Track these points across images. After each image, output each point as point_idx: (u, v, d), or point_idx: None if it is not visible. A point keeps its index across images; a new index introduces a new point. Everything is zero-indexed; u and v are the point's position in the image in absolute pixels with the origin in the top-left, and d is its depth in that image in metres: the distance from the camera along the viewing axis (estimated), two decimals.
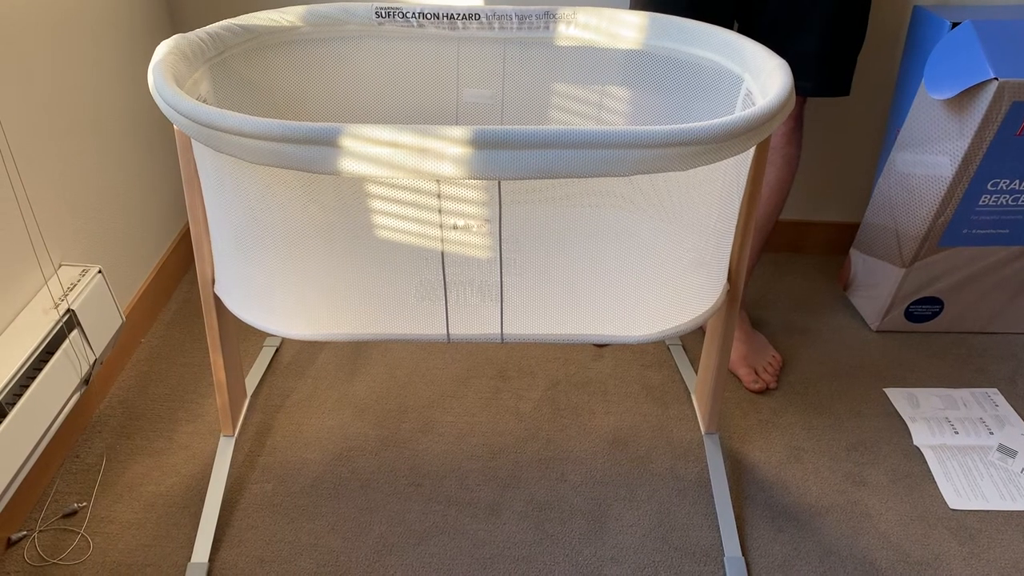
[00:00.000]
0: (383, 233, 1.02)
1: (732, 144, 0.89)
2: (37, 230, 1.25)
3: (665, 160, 0.87)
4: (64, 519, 1.24)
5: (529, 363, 1.58)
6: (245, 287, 1.10)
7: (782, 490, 1.33)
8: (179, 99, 0.91)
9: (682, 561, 1.21)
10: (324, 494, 1.30)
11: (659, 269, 1.06)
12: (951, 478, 1.35)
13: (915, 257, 1.57)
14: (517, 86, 1.30)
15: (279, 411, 1.46)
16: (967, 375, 1.58)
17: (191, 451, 1.37)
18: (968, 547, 1.24)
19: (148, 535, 1.22)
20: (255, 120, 0.86)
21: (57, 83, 1.31)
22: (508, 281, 1.05)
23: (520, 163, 0.86)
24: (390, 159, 0.86)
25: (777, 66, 1.01)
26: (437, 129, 0.85)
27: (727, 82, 1.15)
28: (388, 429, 1.43)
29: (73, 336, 1.23)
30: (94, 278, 1.30)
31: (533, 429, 1.43)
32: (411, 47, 1.29)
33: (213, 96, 1.14)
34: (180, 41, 1.07)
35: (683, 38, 1.19)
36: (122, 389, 1.49)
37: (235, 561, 1.19)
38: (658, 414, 1.47)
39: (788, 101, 0.95)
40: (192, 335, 1.64)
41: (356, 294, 1.08)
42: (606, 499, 1.30)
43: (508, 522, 1.26)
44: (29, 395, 1.12)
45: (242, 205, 1.01)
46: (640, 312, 1.08)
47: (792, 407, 1.49)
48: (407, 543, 1.23)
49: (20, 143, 1.21)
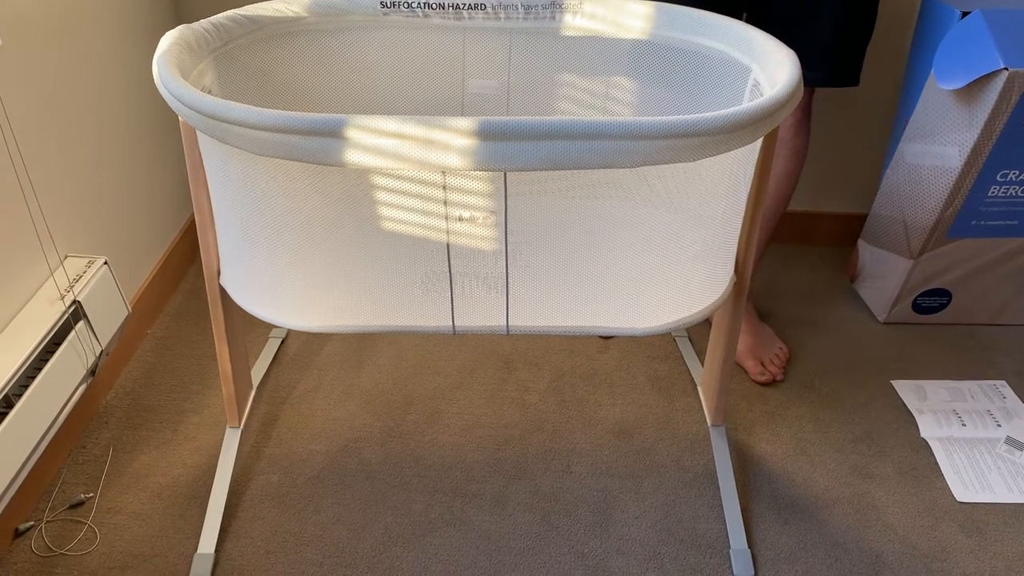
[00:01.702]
0: (388, 225, 1.02)
1: (740, 135, 0.89)
2: (43, 221, 1.25)
3: (672, 151, 0.87)
4: (71, 510, 1.25)
5: (535, 354, 1.58)
6: (251, 279, 1.10)
7: (788, 482, 1.32)
8: (184, 90, 0.90)
9: (688, 553, 1.21)
10: (330, 485, 1.30)
11: (666, 260, 1.05)
12: (958, 471, 1.35)
13: (923, 248, 1.56)
14: (523, 76, 1.29)
15: (285, 402, 1.46)
16: (975, 367, 1.58)
17: (197, 442, 1.37)
18: (975, 540, 1.24)
19: (155, 526, 1.23)
20: (260, 111, 0.86)
21: (62, 74, 1.31)
22: (514, 273, 1.05)
23: (526, 154, 0.85)
24: (396, 150, 0.86)
25: (785, 56, 1.00)
26: (443, 120, 0.84)
27: (735, 72, 1.14)
28: (394, 420, 1.43)
29: (79, 327, 1.23)
30: (100, 269, 1.30)
31: (539, 421, 1.43)
32: (416, 37, 1.28)
33: (218, 87, 1.14)
34: (185, 32, 1.06)
35: (690, 28, 1.19)
36: (128, 380, 1.50)
37: (241, 552, 1.19)
38: (664, 406, 1.47)
39: (796, 91, 0.94)
40: (198, 326, 1.64)
41: (361, 286, 1.08)
42: (612, 491, 1.30)
43: (514, 513, 1.26)
44: (35, 386, 1.13)
45: (247, 196, 1.01)
46: (647, 304, 1.07)
47: (799, 399, 1.49)
48: (413, 534, 1.23)
49: (25, 134, 1.21)
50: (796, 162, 1.46)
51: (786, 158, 1.45)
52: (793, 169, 1.46)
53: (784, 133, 1.43)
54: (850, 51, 1.36)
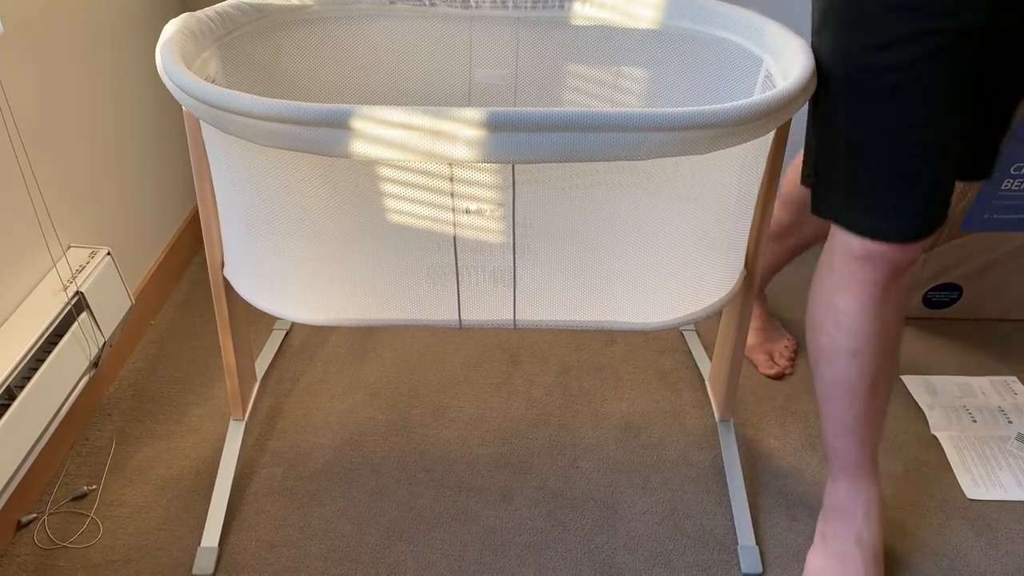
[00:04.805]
0: (394, 217, 1.00)
1: (752, 127, 0.87)
2: (45, 212, 1.24)
3: (684, 143, 0.85)
4: (74, 502, 1.24)
5: (541, 348, 1.57)
6: (255, 271, 1.09)
7: (797, 478, 1.31)
8: (187, 79, 0.89)
9: (696, 549, 1.20)
10: (334, 479, 1.29)
11: (676, 255, 1.04)
12: (969, 467, 1.33)
13: (935, 242, 1.55)
14: (531, 67, 1.28)
15: (289, 395, 1.45)
16: (986, 363, 1.56)
17: (201, 435, 1.36)
18: (986, 537, 1.22)
19: (158, 519, 1.22)
20: (265, 101, 0.84)
21: (64, 62, 1.30)
22: (521, 266, 1.03)
23: (535, 146, 0.84)
24: (402, 141, 0.84)
25: (798, 47, 0.99)
26: (450, 111, 0.83)
27: (746, 63, 1.13)
28: (399, 414, 1.42)
29: (82, 319, 1.22)
30: (103, 260, 1.29)
31: (545, 415, 1.42)
32: (423, 26, 1.27)
33: (222, 76, 1.13)
34: (188, 20, 1.05)
35: (702, 18, 1.17)
36: (131, 372, 1.49)
37: (245, 545, 1.18)
38: (671, 400, 1.45)
39: (809, 83, 0.92)
40: (202, 318, 1.63)
41: (366, 278, 1.07)
42: (618, 486, 1.29)
43: (519, 509, 1.25)
44: (38, 378, 1.12)
45: (251, 188, 1.00)
46: (656, 299, 1.06)
47: (808, 393, 1.47)
48: (418, 529, 1.22)
49: (28, 123, 1.20)
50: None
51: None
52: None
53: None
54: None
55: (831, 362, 1.08)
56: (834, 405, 1.10)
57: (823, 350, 1.08)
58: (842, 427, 1.11)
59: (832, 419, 1.12)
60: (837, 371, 1.07)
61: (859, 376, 1.06)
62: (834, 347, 1.06)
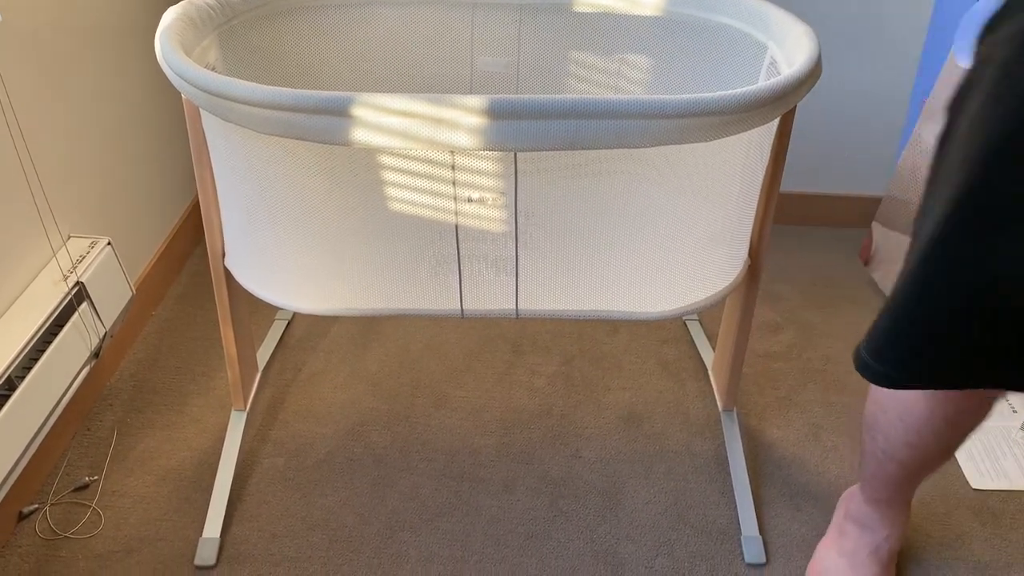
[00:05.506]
0: (396, 206, 1.00)
1: (757, 114, 0.86)
2: (45, 201, 1.23)
3: (687, 131, 0.85)
4: (75, 492, 1.24)
5: (543, 338, 1.57)
6: (256, 260, 1.08)
7: (800, 468, 1.31)
8: (187, 67, 0.88)
9: (699, 540, 1.19)
10: (336, 469, 1.29)
11: (680, 243, 1.03)
12: (973, 457, 1.33)
13: None
14: (533, 54, 1.27)
15: (291, 385, 1.45)
16: None
17: (202, 425, 1.36)
18: (990, 527, 1.22)
19: (160, 509, 1.22)
20: (265, 89, 0.84)
21: (63, 51, 1.29)
22: (523, 255, 1.03)
23: (538, 134, 0.83)
24: (403, 129, 0.84)
25: (803, 33, 0.98)
26: (452, 98, 0.82)
27: (751, 50, 1.12)
28: (401, 404, 1.41)
29: (82, 309, 1.22)
30: (103, 250, 1.28)
31: (547, 405, 1.42)
32: (424, 13, 1.25)
33: (222, 64, 1.12)
34: (188, 7, 1.04)
35: (706, 4, 1.16)
36: (133, 362, 1.48)
37: (247, 536, 1.18)
38: (674, 390, 1.45)
39: (815, 69, 0.91)
40: (203, 308, 1.62)
41: (368, 268, 1.06)
42: (621, 476, 1.29)
43: (522, 499, 1.25)
44: (39, 368, 1.11)
45: (252, 177, 0.99)
46: (659, 287, 1.05)
47: (811, 384, 1.47)
48: (420, 519, 1.22)
49: (27, 113, 1.19)
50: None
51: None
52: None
53: None
54: None
55: (888, 439, 0.99)
56: (880, 467, 1.02)
57: (879, 426, 1.00)
58: (884, 478, 1.04)
59: (874, 465, 1.03)
60: (891, 449, 0.99)
61: (912, 459, 0.99)
62: (892, 432, 0.98)
